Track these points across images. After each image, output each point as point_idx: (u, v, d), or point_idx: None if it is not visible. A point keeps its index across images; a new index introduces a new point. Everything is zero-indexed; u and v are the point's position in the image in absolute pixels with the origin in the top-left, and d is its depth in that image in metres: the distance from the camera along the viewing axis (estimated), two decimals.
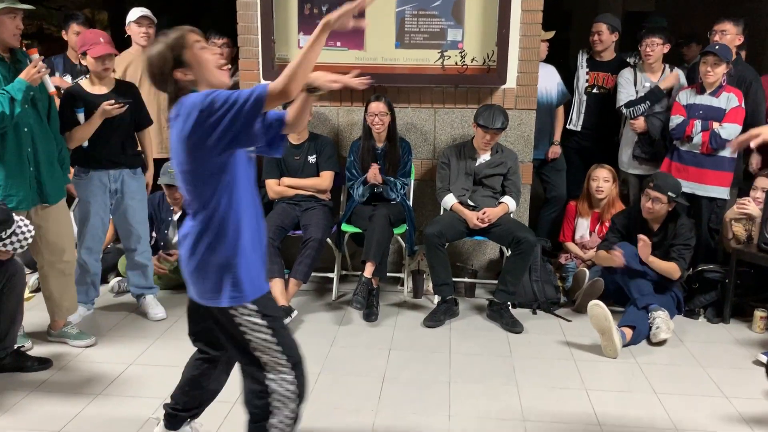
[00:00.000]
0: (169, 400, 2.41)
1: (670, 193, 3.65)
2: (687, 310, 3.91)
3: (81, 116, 3.43)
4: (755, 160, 4.36)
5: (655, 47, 4.24)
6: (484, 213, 3.80)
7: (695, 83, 4.11)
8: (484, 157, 3.97)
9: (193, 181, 1.92)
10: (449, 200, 3.92)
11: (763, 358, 3.29)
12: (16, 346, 3.14)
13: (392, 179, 4.00)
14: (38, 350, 3.30)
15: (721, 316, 3.85)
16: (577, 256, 4.30)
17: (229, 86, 1.97)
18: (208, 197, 1.92)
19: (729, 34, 4.20)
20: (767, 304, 3.97)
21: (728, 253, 3.88)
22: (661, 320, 3.50)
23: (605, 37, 4.56)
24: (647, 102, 4.22)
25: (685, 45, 5.12)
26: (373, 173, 3.95)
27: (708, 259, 4.07)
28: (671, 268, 3.66)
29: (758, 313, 3.71)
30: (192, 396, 2.35)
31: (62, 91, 3.27)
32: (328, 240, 3.96)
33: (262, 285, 2.04)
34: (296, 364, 2.05)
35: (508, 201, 3.90)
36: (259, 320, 1.99)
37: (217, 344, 2.22)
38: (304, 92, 2.03)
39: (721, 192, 4.04)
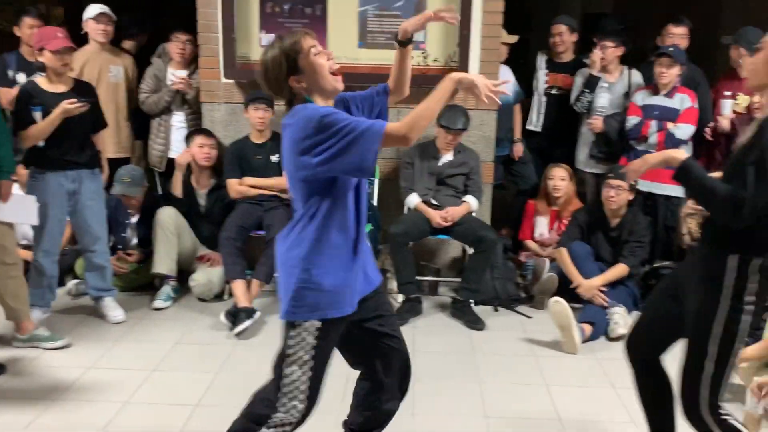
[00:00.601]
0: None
1: (631, 181, 3.76)
2: (643, 306, 4.00)
3: (38, 115, 3.34)
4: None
5: (607, 50, 4.33)
6: (447, 212, 3.83)
7: (650, 84, 4.21)
8: (447, 157, 4.00)
9: (294, 186, 1.90)
10: (413, 199, 3.94)
11: None
12: None
13: None
14: None
15: None
16: (536, 253, 4.37)
17: (338, 91, 1.95)
18: (308, 205, 1.89)
19: (683, 38, 4.33)
20: None
21: (684, 249, 3.98)
22: (619, 316, 3.58)
23: (566, 38, 4.64)
24: (586, 91, 4.30)
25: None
26: None
27: (665, 256, 4.17)
28: (619, 272, 3.78)
29: None
30: (365, 417, 2.28)
31: None
32: None
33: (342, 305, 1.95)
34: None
35: (470, 200, 3.95)
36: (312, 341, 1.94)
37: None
38: (397, 48, 2.04)
39: (677, 190, 4.14)
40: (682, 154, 1.90)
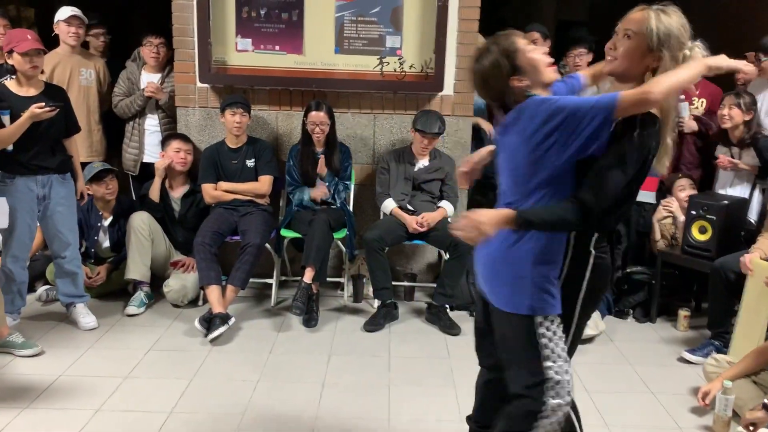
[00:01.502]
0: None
1: None
2: (617, 311, 4.07)
3: (6, 118, 3.28)
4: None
5: (583, 58, 4.39)
6: (422, 218, 3.85)
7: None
8: (423, 162, 4.02)
9: (524, 182, 1.84)
10: (389, 205, 3.95)
11: (687, 356, 3.45)
12: None
13: (335, 179, 4.02)
14: None
15: (649, 316, 4.02)
16: None
17: (551, 81, 1.89)
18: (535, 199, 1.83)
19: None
20: (690, 303, 4.18)
21: (655, 255, 4.05)
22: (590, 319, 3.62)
23: (540, 44, 4.69)
24: None
25: None
26: (321, 192, 3.98)
27: (636, 262, 4.23)
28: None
29: (682, 312, 3.89)
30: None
31: None
32: (267, 245, 3.93)
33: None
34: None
35: (446, 206, 3.97)
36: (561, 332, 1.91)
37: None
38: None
39: (648, 196, 4.21)
40: (508, 212, 1.79)
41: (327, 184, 4.04)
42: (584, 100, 1.73)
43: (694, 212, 3.78)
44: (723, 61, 1.85)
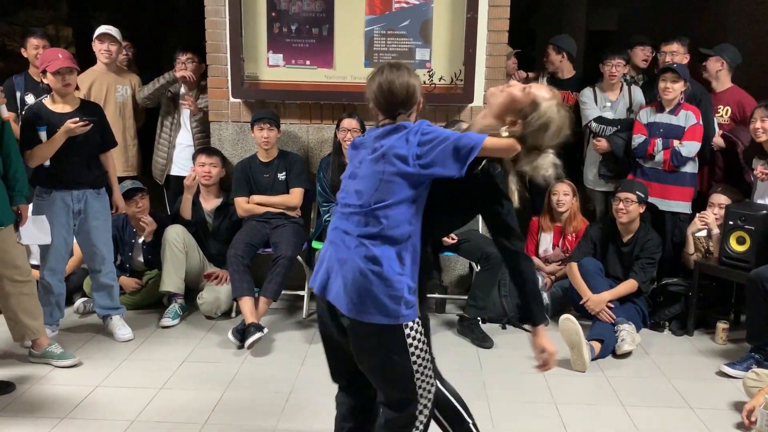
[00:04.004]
0: None
1: (638, 192, 3.79)
2: (652, 323, 3.99)
3: (43, 135, 3.37)
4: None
5: (620, 69, 4.35)
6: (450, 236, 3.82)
7: (654, 102, 4.22)
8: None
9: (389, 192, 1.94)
10: None
11: (727, 370, 3.37)
12: None
13: None
14: (0, 373, 3.21)
15: (685, 329, 3.93)
16: (539, 268, 4.36)
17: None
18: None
19: (678, 54, 4.37)
20: (729, 315, 4.08)
21: (691, 266, 3.97)
22: (626, 333, 3.56)
23: (552, 58, 4.71)
24: (618, 126, 4.31)
25: None
26: None
27: (672, 273, 4.15)
28: (629, 287, 3.77)
29: (720, 325, 3.80)
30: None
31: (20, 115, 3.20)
32: (299, 257, 3.95)
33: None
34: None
35: None
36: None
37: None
38: None
39: (684, 207, 4.15)
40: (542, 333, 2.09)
41: None
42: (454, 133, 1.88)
43: (731, 223, 3.70)
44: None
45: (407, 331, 1.88)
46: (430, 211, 1.94)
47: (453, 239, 3.82)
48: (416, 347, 1.90)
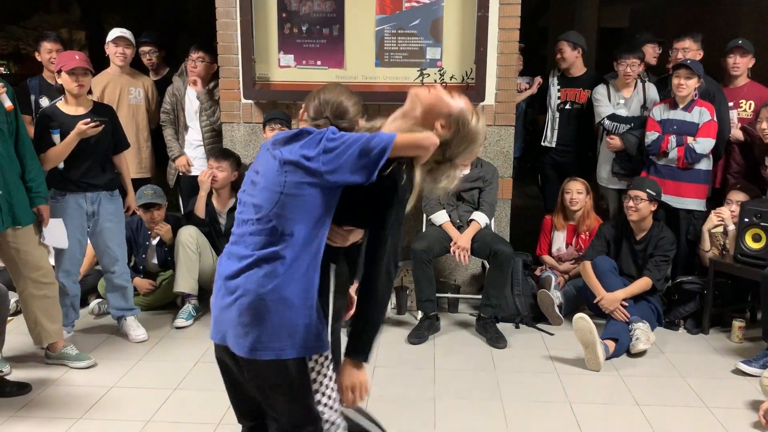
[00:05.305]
0: None
1: (648, 190, 3.76)
2: (667, 322, 3.96)
3: (56, 137, 3.39)
4: None
5: (636, 68, 4.32)
6: (458, 247, 3.80)
7: (668, 98, 4.19)
8: (464, 171, 4.00)
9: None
10: (441, 217, 3.92)
11: (743, 367, 3.34)
12: None
13: None
14: (17, 375, 3.24)
15: (701, 327, 3.90)
16: (552, 267, 4.34)
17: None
18: None
19: (690, 51, 4.33)
20: (745, 314, 4.04)
21: (706, 264, 3.94)
22: (641, 332, 3.54)
23: (567, 55, 4.66)
24: (631, 124, 4.28)
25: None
26: None
27: (687, 271, 4.12)
28: (643, 285, 3.75)
29: (736, 323, 3.77)
30: None
31: (16, 106, 3.15)
32: None
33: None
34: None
35: (479, 217, 3.89)
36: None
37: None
38: None
39: (698, 204, 4.11)
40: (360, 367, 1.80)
41: None
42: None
43: (747, 220, 3.67)
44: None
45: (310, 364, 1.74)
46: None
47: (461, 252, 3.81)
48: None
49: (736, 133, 4.17)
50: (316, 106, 1.89)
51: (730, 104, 4.22)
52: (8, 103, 3.03)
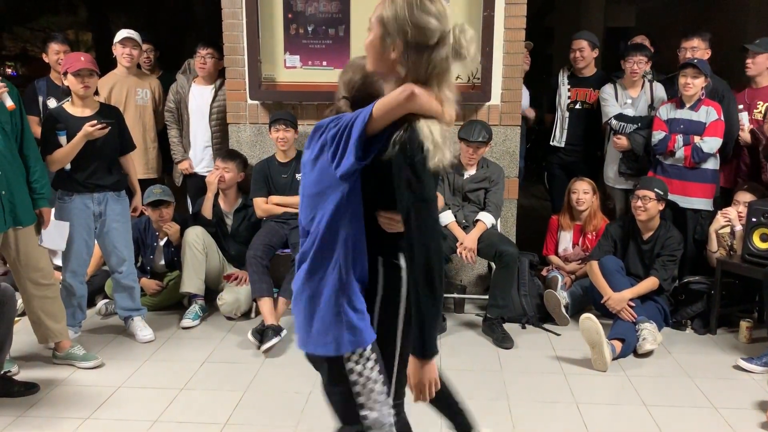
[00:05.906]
0: None
1: (656, 190, 3.75)
2: (674, 322, 3.95)
3: (63, 139, 3.41)
4: None
5: (642, 65, 4.31)
6: (464, 249, 3.79)
7: (675, 98, 4.18)
8: (470, 172, 4.00)
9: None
10: (447, 217, 3.92)
11: (743, 364, 3.34)
12: (2, 372, 3.10)
13: None
14: (24, 375, 3.26)
15: (708, 327, 3.89)
16: (559, 267, 4.33)
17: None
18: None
19: (698, 50, 4.31)
20: (753, 314, 4.03)
21: (713, 265, 3.93)
22: (648, 332, 3.53)
23: (587, 54, 4.63)
24: (638, 124, 4.27)
25: None
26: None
27: (694, 271, 4.11)
28: (650, 284, 3.74)
29: (744, 324, 3.75)
30: None
31: (19, 105, 3.14)
32: None
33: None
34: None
35: (484, 218, 3.89)
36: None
37: None
38: None
39: (705, 203, 4.10)
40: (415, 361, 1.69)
41: None
42: None
43: (754, 219, 3.65)
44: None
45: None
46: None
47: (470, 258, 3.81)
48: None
49: (745, 137, 4.14)
50: (338, 88, 1.90)
51: (741, 107, 4.18)
52: (9, 103, 3.03)
